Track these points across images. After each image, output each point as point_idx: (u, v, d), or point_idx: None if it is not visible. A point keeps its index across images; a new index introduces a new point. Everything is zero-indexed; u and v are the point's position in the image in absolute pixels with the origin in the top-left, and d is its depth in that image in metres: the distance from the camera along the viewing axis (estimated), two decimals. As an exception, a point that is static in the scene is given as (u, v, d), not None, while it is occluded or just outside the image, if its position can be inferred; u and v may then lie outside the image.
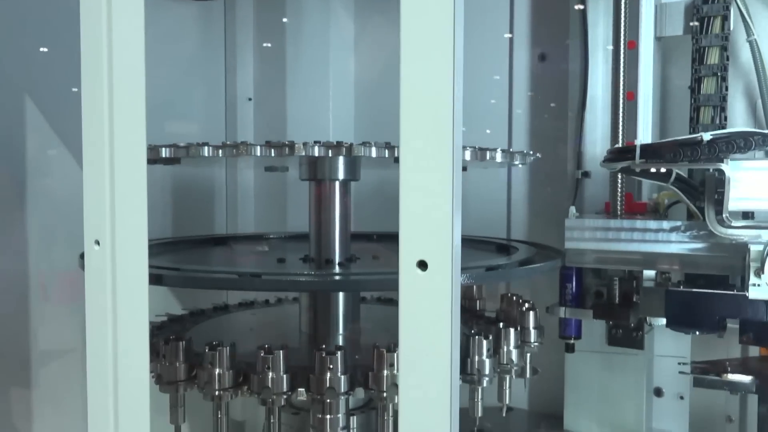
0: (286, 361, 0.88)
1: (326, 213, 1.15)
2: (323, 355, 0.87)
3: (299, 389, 0.88)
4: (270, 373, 0.87)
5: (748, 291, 0.85)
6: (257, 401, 0.89)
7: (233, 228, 1.63)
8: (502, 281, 1.32)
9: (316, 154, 0.87)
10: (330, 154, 0.88)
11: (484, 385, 0.94)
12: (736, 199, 0.85)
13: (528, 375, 1.09)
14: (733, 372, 0.95)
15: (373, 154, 0.89)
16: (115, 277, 0.82)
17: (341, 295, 1.16)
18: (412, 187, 0.62)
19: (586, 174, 1.20)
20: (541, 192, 1.40)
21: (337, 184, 1.14)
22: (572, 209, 1.13)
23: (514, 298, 1.15)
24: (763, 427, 1.17)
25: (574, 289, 1.14)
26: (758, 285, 0.84)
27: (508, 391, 1.02)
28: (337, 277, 1.04)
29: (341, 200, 1.15)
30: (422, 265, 0.61)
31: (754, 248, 0.85)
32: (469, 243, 1.28)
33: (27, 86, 1.26)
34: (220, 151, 0.91)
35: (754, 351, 1.19)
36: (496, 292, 1.25)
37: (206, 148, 0.91)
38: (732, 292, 0.92)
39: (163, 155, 0.94)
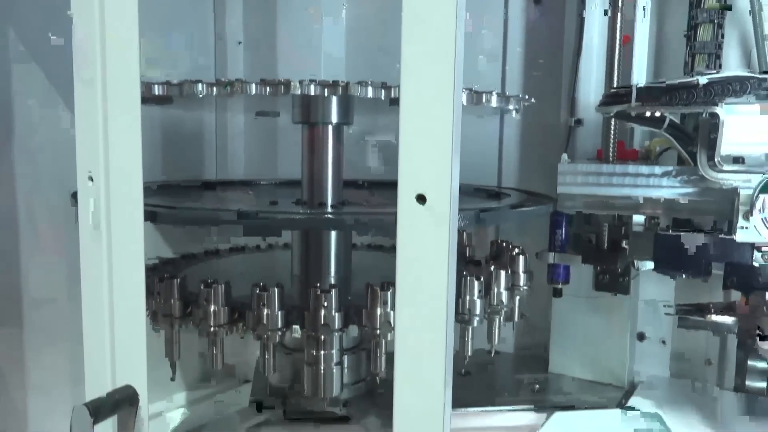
0: (281, 298, 0.89)
1: (319, 157, 1.15)
2: (318, 292, 0.88)
3: (294, 326, 0.90)
4: (265, 310, 0.88)
5: (735, 234, 0.87)
6: (251, 339, 0.90)
7: (223, 174, 1.62)
8: (494, 223, 1.33)
9: (312, 93, 0.86)
10: (326, 94, 0.87)
11: (475, 324, 0.96)
12: (728, 144, 0.86)
13: (516, 318, 1.12)
14: (716, 314, 0.98)
15: (369, 94, 0.88)
16: (109, 213, 0.82)
17: (333, 239, 1.17)
18: (413, 120, 0.61)
19: (579, 122, 1.21)
20: (533, 141, 1.41)
21: (330, 127, 1.13)
22: (564, 156, 1.14)
23: (504, 243, 1.17)
24: (740, 370, 1.22)
25: (563, 235, 1.15)
26: (746, 228, 0.86)
27: (497, 333, 1.04)
28: (331, 216, 1.04)
29: (334, 144, 1.15)
30: (421, 198, 0.62)
31: (744, 192, 0.86)
32: (461, 190, 1.29)
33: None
34: (214, 89, 0.90)
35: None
36: (485, 241, 1.26)
37: (200, 85, 0.90)
38: (720, 236, 0.94)
39: (156, 92, 0.92)
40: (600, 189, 1.03)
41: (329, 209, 1.11)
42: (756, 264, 0.91)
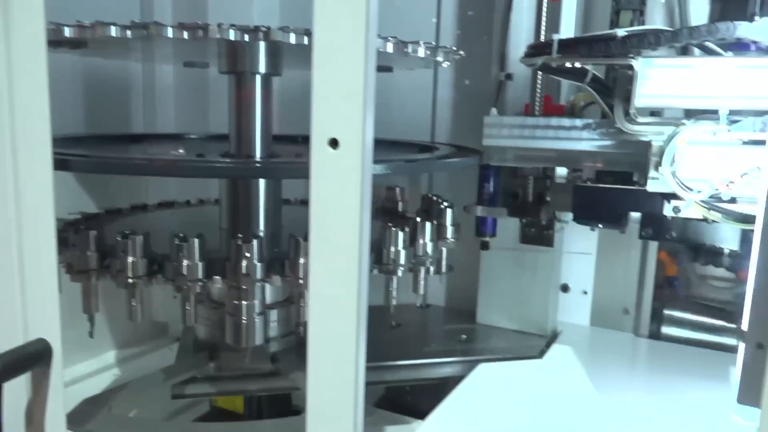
0: (202, 249, 0.88)
1: (247, 109, 1.12)
2: (239, 242, 0.87)
3: (215, 277, 0.89)
4: (185, 261, 0.86)
5: (647, 184, 0.90)
6: (173, 292, 0.89)
7: (151, 128, 1.56)
8: (419, 173, 1.34)
9: (232, 38, 0.84)
10: (245, 38, 0.85)
11: (399, 275, 0.97)
12: (645, 96, 0.89)
13: (444, 270, 1.14)
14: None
15: (292, 40, 0.86)
16: (16, 161, 0.78)
17: (262, 191, 1.15)
18: (325, 63, 0.60)
19: (509, 76, 1.21)
20: (466, 97, 1.41)
21: (258, 78, 1.10)
22: (494, 111, 1.15)
23: (434, 197, 1.18)
24: (655, 315, 1.28)
25: (491, 188, 1.17)
26: (656, 179, 0.89)
27: (423, 284, 1.06)
28: (256, 164, 1.02)
29: (263, 96, 1.12)
30: (334, 143, 0.61)
31: (656, 143, 0.89)
32: (393, 145, 1.29)
33: None
34: (129, 32, 0.86)
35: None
36: (418, 197, 1.27)
37: (113, 28, 0.86)
38: (633, 187, 0.97)
39: (66, 35, 0.88)
40: (524, 141, 1.05)
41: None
42: (667, 215, 0.94)
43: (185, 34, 0.84)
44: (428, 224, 1.01)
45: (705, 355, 1.20)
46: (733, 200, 0.86)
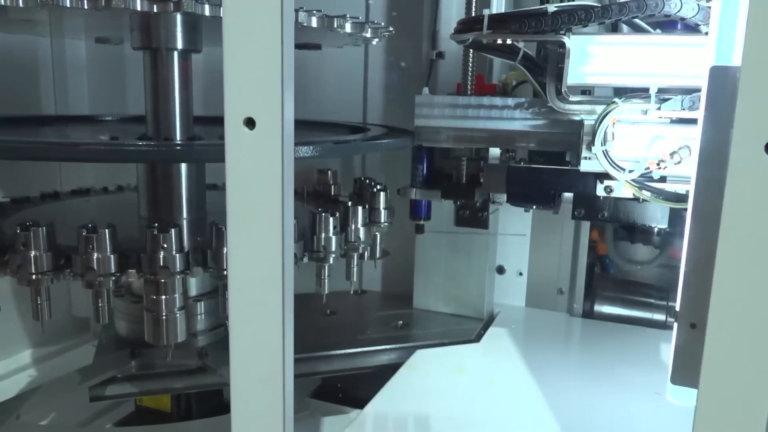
0: (114, 240, 0.81)
1: (164, 88, 1.05)
2: (155, 232, 0.80)
3: (129, 270, 0.82)
4: (95, 254, 0.79)
5: (579, 164, 0.89)
6: (82, 285, 0.82)
7: (63, 109, 1.45)
8: (347, 154, 1.30)
9: (139, 8, 0.77)
10: (156, 9, 0.78)
11: (330, 262, 0.93)
12: (576, 74, 0.87)
13: (378, 256, 1.10)
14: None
15: (207, 11, 0.80)
16: None
17: (183, 176, 1.08)
18: (236, 34, 0.55)
19: (440, 55, 1.18)
20: (398, 76, 1.37)
21: (175, 54, 1.03)
22: (425, 90, 1.11)
23: (367, 181, 1.14)
24: (588, 294, 1.29)
25: (425, 170, 1.14)
26: (589, 158, 0.88)
27: (356, 270, 1.02)
28: (163, 147, 0.95)
29: (181, 74, 1.05)
30: (250, 122, 0.56)
31: (588, 122, 0.88)
32: (324, 126, 1.24)
33: None
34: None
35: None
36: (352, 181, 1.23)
37: (1, -6, 0.77)
38: (566, 168, 0.96)
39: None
40: (457, 121, 1.02)
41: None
42: (599, 195, 0.94)
43: (85, 4, 0.76)
44: (360, 208, 0.97)
45: (635, 332, 1.22)
46: (663, 179, 0.86)
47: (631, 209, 1.00)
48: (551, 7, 0.83)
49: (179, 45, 1.01)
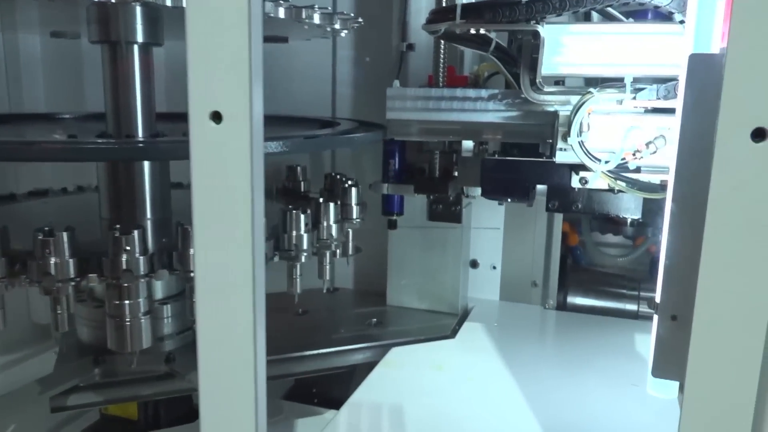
0: (73, 243, 0.77)
1: (125, 84, 1.00)
2: (116, 234, 0.77)
3: (90, 275, 0.78)
4: (52, 258, 0.75)
5: (555, 156, 0.88)
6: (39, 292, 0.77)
7: (18, 107, 1.39)
8: (318, 150, 1.27)
9: (95, -2, 0.73)
10: (114, 0, 0.74)
11: (302, 260, 0.91)
12: (551, 65, 0.86)
13: (351, 252, 1.08)
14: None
15: (168, 2, 0.76)
16: None
17: (147, 175, 1.04)
18: (201, 22, 0.52)
19: (410, 47, 1.16)
20: (368, 70, 1.35)
21: (135, 48, 0.99)
22: (396, 83, 1.09)
23: (338, 176, 1.11)
24: (561, 287, 1.29)
25: (396, 164, 1.12)
26: (564, 150, 0.87)
27: (329, 268, 1.00)
28: (138, 145, 0.91)
29: (142, 68, 1.01)
30: (216, 116, 0.53)
31: (563, 113, 0.87)
32: (293, 121, 1.21)
33: None
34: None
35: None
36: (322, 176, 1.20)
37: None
38: (541, 159, 0.95)
39: None
40: (429, 114, 1.00)
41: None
42: (574, 187, 0.93)
43: (37, -6, 0.72)
44: (332, 205, 0.94)
45: (608, 323, 1.22)
46: (638, 170, 0.85)
47: (605, 200, 0.99)
48: (526, -4, 0.82)
49: (139, 38, 0.97)
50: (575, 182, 0.92)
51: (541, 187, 1.02)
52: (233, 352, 0.57)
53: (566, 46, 0.85)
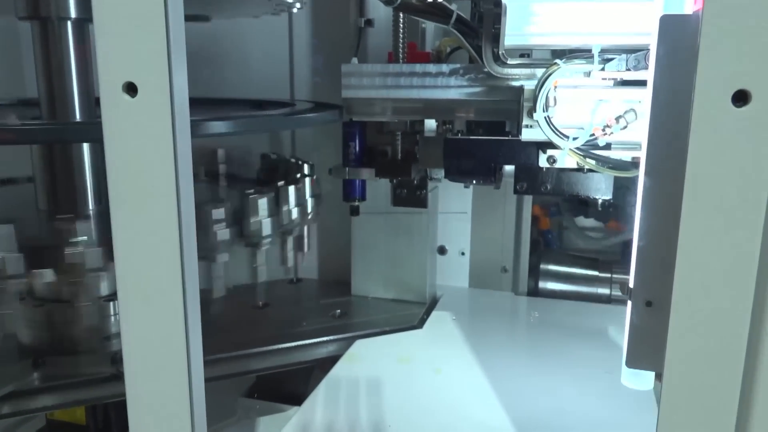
0: (19, 238, 0.70)
1: (58, 64, 0.93)
2: (63, 226, 0.70)
3: (33, 271, 0.71)
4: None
5: (520, 134, 0.83)
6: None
7: (-49, 93, 1.29)
8: (268, 131, 1.20)
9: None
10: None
11: (265, 247, 0.85)
12: (514, 35, 0.80)
13: (306, 244, 1.02)
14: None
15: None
16: None
17: (87, 163, 0.97)
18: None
19: (369, 22, 1.09)
20: (324, 47, 1.28)
21: (69, 24, 0.91)
22: (354, 60, 1.03)
23: (296, 161, 1.05)
24: (532, 272, 1.25)
25: (357, 147, 1.06)
26: (531, 126, 0.82)
27: (291, 254, 0.94)
28: (52, 127, 0.84)
29: (77, 47, 0.93)
30: (131, 88, 0.46)
31: (528, 87, 0.82)
32: (245, 103, 1.14)
33: None
34: None
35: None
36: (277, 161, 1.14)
37: None
38: (506, 138, 0.90)
39: None
40: (388, 91, 0.94)
41: (72, 127, 0.90)
42: (542, 166, 0.88)
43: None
44: (292, 188, 0.88)
45: (581, 308, 1.19)
46: (608, 146, 0.80)
47: (574, 181, 0.95)
48: (488, -39, 0.76)
49: (72, 13, 0.90)
50: (543, 161, 0.86)
51: (509, 169, 0.97)
52: (162, 359, 0.50)
53: (531, 15, 0.80)
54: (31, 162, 0.98)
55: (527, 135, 0.82)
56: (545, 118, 0.80)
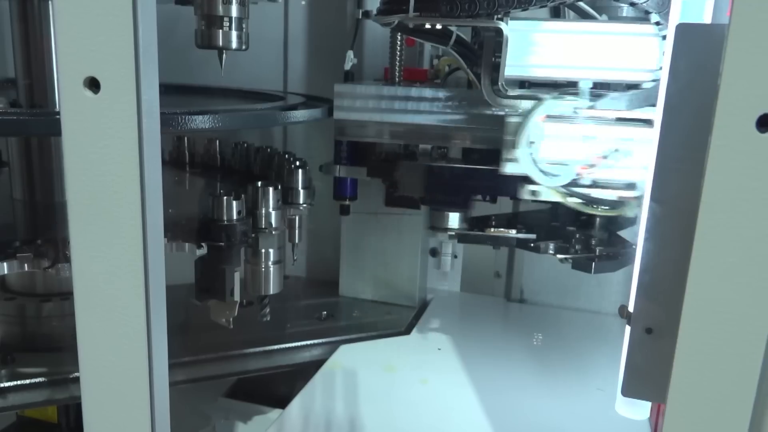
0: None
1: (36, 46, 0.89)
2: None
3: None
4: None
5: (503, 167, 0.78)
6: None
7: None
8: (254, 128, 1.16)
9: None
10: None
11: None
12: (514, 66, 0.75)
13: (297, 240, 0.98)
14: (497, 227, 0.90)
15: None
16: None
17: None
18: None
19: (366, 14, 1.05)
20: (320, 38, 1.23)
21: (50, 4, 0.87)
22: (350, 54, 0.99)
23: (287, 156, 1.01)
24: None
25: (349, 145, 1.01)
26: (513, 160, 0.77)
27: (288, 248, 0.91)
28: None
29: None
30: (93, 84, 0.42)
31: (513, 120, 0.76)
32: (235, 94, 1.10)
33: None
34: None
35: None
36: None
37: None
38: (489, 168, 0.84)
39: None
40: (381, 115, 0.89)
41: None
42: (524, 199, 0.82)
43: None
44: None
45: (573, 316, 1.15)
46: (594, 185, 0.76)
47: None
48: (489, -12, 0.72)
49: (53, -9, 0.85)
50: (526, 194, 0.81)
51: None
52: (120, 364, 0.47)
53: (532, 46, 0.75)
54: (7, 149, 0.93)
55: (509, 169, 0.78)
56: (528, 154, 0.76)
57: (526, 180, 0.79)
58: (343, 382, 0.91)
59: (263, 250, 0.84)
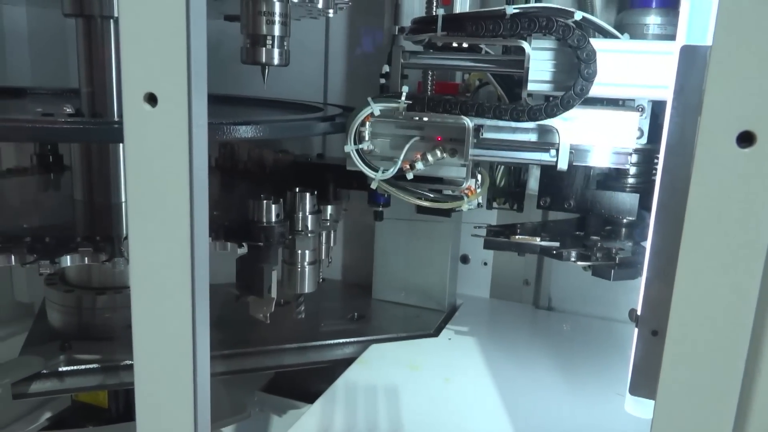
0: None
1: (99, 61, 0.96)
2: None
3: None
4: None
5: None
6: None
7: (2, 80, 1.35)
8: (294, 136, 1.22)
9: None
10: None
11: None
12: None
13: (332, 244, 1.04)
14: (522, 234, 0.95)
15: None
16: None
17: (122, 156, 1.00)
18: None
19: (403, 30, 1.10)
20: (361, 55, 1.29)
21: (111, 23, 0.95)
22: (386, 68, 1.03)
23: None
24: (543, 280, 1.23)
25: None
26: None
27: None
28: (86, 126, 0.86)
29: (118, 44, 0.96)
30: (151, 99, 0.48)
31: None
32: (279, 105, 1.16)
33: None
34: None
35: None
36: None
37: None
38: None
39: None
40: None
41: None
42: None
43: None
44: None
45: (600, 324, 1.17)
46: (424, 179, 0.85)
47: (599, 199, 0.94)
48: (510, 9, 0.76)
49: (116, 13, 0.93)
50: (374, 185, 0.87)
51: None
52: (168, 354, 0.53)
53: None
54: (70, 153, 1.02)
55: (348, 165, 0.86)
56: (355, 150, 0.83)
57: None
58: (370, 379, 0.96)
59: (299, 251, 0.90)
